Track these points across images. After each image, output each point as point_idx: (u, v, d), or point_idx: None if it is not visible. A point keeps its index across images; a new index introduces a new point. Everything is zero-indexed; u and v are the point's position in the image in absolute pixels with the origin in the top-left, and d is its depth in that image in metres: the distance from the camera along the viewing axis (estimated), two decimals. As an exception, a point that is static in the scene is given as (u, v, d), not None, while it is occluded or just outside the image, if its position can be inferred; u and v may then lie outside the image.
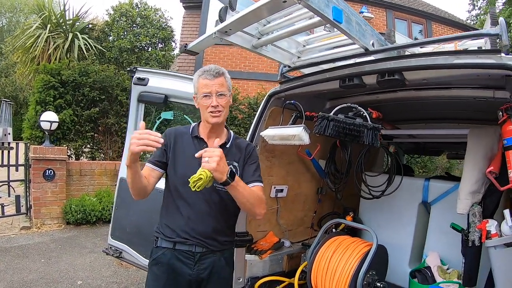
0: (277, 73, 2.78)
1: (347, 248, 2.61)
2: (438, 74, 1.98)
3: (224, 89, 1.85)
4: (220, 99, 1.84)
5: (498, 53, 1.78)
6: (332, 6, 1.65)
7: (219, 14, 2.11)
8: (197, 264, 1.86)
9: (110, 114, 7.68)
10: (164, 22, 10.20)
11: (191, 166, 1.85)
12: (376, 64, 2.09)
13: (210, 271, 1.88)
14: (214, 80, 1.84)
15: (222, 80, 1.87)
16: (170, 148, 1.93)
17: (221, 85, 1.85)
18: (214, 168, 1.59)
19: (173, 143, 1.94)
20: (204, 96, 1.84)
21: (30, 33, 8.80)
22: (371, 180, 3.15)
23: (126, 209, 3.34)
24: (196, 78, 1.91)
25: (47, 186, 6.18)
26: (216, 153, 1.61)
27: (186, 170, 1.85)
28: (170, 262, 1.86)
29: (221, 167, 1.62)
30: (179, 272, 1.86)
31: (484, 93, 2.19)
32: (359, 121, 2.19)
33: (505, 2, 16.58)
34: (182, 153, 1.92)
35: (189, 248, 1.86)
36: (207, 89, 1.83)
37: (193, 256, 1.86)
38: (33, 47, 8.74)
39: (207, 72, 1.86)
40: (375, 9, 11.93)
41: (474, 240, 2.35)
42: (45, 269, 4.40)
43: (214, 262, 1.89)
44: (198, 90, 1.88)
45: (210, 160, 1.60)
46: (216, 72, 1.86)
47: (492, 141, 2.38)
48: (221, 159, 1.62)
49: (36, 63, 8.71)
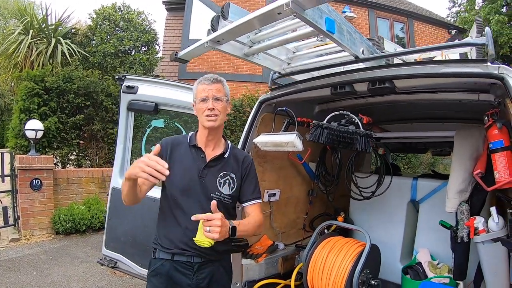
0: (261, 75, 2.83)
1: (341, 249, 2.67)
2: (427, 82, 2.06)
3: (221, 94, 1.89)
4: (217, 103, 1.87)
5: (484, 62, 1.86)
6: (325, 17, 1.70)
7: (211, 23, 2.13)
8: (196, 274, 1.87)
9: (96, 120, 7.57)
10: (148, 25, 10.08)
11: (188, 176, 1.89)
12: (366, 72, 2.15)
13: (209, 280, 1.90)
14: (212, 85, 1.89)
15: (220, 86, 1.91)
16: (166, 158, 1.92)
17: (218, 90, 1.89)
18: (217, 238, 1.62)
19: (169, 153, 1.94)
20: (201, 100, 1.88)
21: (13, 39, 8.60)
22: (361, 181, 3.23)
23: (119, 218, 3.32)
24: (195, 86, 1.96)
25: (34, 196, 6.07)
26: (217, 223, 1.61)
27: (183, 181, 1.88)
28: (169, 273, 1.87)
29: (223, 233, 1.64)
30: (178, 283, 1.87)
31: (470, 96, 2.28)
32: (352, 129, 2.26)
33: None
34: (179, 163, 1.92)
35: (187, 258, 1.86)
36: (205, 93, 1.88)
37: (192, 267, 1.87)
38: (15, 53, 8.55)
39: (205, 79, 1.92)
40: (357, 9, 12.09)
41: (462, 236, 2.44)
42: (38, 282, 4.33)
43: (213, 271, 1.91)
44: (196, 96, 1.93)
45: (211, 230, 1.61)
46: (214, 79, 1.91)
47: (478, 142, 2.47)
48: (221, 226, 1.62)
49: (18, 70, 8.52)
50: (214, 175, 1.92)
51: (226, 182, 1.93)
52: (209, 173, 1.91)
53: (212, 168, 1.93)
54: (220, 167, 1.94)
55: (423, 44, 12.93)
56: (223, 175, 1.93)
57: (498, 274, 2.25)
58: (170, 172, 1.89)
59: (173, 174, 1.89)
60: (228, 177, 1.93)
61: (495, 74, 1.82)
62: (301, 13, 1.56)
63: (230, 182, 1.93)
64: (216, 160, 1.94)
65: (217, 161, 1.94)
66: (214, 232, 1.60)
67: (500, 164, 2.05)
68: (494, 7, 14.82)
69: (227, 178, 1.93)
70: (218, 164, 1.94)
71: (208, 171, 1.92)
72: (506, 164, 2.01)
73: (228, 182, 1.93)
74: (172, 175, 1.89)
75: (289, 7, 1.49)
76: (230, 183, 1.93)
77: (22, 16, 8.88)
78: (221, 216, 1.65)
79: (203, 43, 2.15)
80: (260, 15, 1.73)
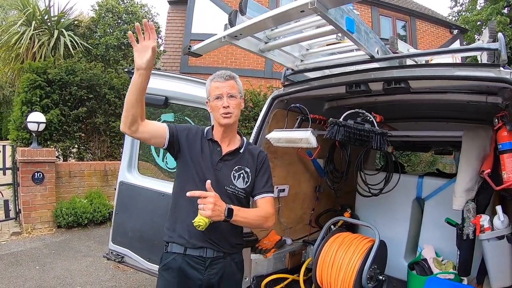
0: (264, 70, 2.85)
1: (350, 244, 2.70)
2: (440, 84, 2.10)
3: (234, 91, 1.93)
4: (231, 100, 1.91)
5: (497, 67, 1.90)
6: (346, 16, 1.73)
7: (229, 18, 2.15)
8: (208, 269, 1.89)
9: (98, 113, 7.55)
10: (151, 18, 10.06)
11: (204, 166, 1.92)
12: (382, 72, 2.18)
13: (221, 276, 1.91)
14: (225, 83, 1.92)
15: (233, 83, 1.95)
16: (186, 143, 1.95)
17: (231, 87, 1.93)
18: (210, 215, 1.66)
19: (192, 140, 1.97)
20: (216, 98, 1.91)
21: (14, 30, 8.54)
22: (369, 178, 3.27)
23: (127, 213, 3.31)
24: (208, 83, 1.98)
25: (36, 189, 6.04)
26: (210, 200, 1.66)
27: (199, 169, 1.91)
28: (181, 267, 1.89)
29: (217, 211, 1.67)
30: (190, 277, 1.88)
31: (478, 98, 2.32)
32: (368, 127, 2.29)
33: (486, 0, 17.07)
34: (198, 151, 1.95)
35: (199, 253, 1.88)
36: (219, 91, 1.91)
37: (204, 261, 1.89)
38: (17, 45, 8.50)
39: (218, 76, 1.95)
40: (360, 6, 12.10)
41: (468, 233, 2.50)
42: (41, 276, 4.32)
43: (224, 267, 1.93)
44: (210, 93, 1.96)
45: (205, 207, 1.66)
46: (227, 76, 1.94)
47: (485, 143, 2.53)
48: (215, 204, 1.67)
49: (20, 61, 8.47)
50: (229, 169, 1.94)
51: (241, 176, 1.95)
52: (224, 166, 1.94)
53: (227, 162, 1.96)
54: (235, 161, 1.97)
55: (425, 42, 12.99)
56: (238, 169, 1.96)
57: (502, 271, 2.31)
58: (187, 156, 1.93)
59: (194, 158, 1.93)
60: (243, 171, 1.96)
61: (507, 79, 1.87)
62: (325, 12, 1.58)
63: (244, 176, 1.96)
64: (231, 154, 1.97)
65: (232, 155, 1.98)
66: (207, 209, 1.65)
67: (509, 164, 2.10)
68: (496, 8, 14.88)
69: (242, 172, 1.96)
70: (233, 158, 1.97)
71: (223, 164, 1.95)
72: (514, 165, 2.06)
73: (242, 176, 1.96)
74: (193, 158, 1.93)
75: (314, 6, 1.51)
76: (244, 177, 1.96)
77: (24, 7, 8.82)
78: (214, 195, 1.69)
79: (220, 38, 2.16)
80: (282, 13, 1.74)
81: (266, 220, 1.93)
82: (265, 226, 1.98)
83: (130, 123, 1.77)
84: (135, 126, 1.78)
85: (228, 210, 1.72)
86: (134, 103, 1.73)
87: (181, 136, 1.95)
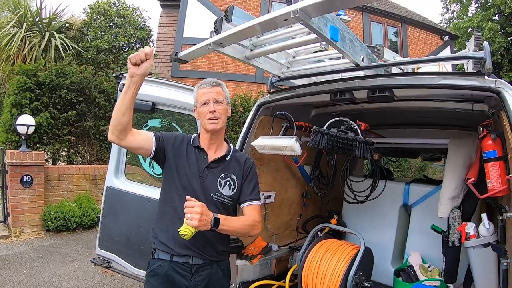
0: (255, 75, 2.86)
1: (336, 251, 2.71)
2: (425, 92, 2.12)
3: (221, 97, 1.94)
4: (218, 105, 1.92)
5: (481, 76, 1.92)
6: (329, 25, 1.74)
7: (214, 25, 2.15)
8: (194, 275, 1.89)
9: (88, 117, 7.52)
10: (142, 21, 10.05)
11: (190, 173, 1.91)
12: (367, 80, 2.20)
13: (207, 282, 1.91)
14: (212, 89, 1.94)
15: (219, 90, 1.96)
16: (172, 151, 1.95)
17: (218, 93, 1.94)
18: (197, 225, 1.65)
19: (178, 148, 1.97)
20: (202, 104, 1.93)
21: (5, 32, 8.47)
22: (356, 185, 3.28)
23: (114, 218, 3.30)
24: (196, 90, 2.00)
25: (24, 192, 5.98)
26: (196, 210, 1.66)
27: (184, 177, 1.91)
28: (167, 273, 1.88)
29: (204, 221, 1.67)
30: (176, 284, 1.88)
31: (464, 106, 2.34)
32: (351, 135, 2.30)
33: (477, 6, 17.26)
34: (184, 159, 1.95)
35: (186, 259, 1.88)
36: (205, 97, 1.92)
37: (190, 268, 1.88)
38: (7, 46, 8.43)
39: (205, 83, 1.97)
40: (351, 12, 12.16)
41: (454, 241, 2.52)
42: (28, 280, 4.27)
43: (211, 274, 1.93)
44: (197, 100, 1.97)
45: (192, 217, 1.65)
46: (214, 82, 1.97)
47: (470, 151, 2.55)
48: (202, 213, 1.66)
49: (10, 63, 8.40)
50: (215, 176, 1.94)
51: (227, 183, 1.95)
52: (210, 174, 1.94)
53: (213, 169, 1.95)
54: (221, 168, 1.97)
55: (416, 48, 13.10)
56: (224, 177, 1.95)
57: (487, 278, 2.33)
58: (175, 168, 1.93)
59: (179, 166, 1.93)
60: (229, 178, 1.96)
61: (491, 87, 1.89)
62: (308, 20, 1.58)
63: (230, 184, 1.96)
64: (217, 162, 1.97)
65: (218, 162, 1.97)
66: (194, 219, 1.64)
67: (493, 173, 2.13)
68: (487, 15, 15.04)
69: (228, 180, 1.96)
70: (219, 166, 1.97)
71: (209, 171, 1.94)
72: (498, 174, 2.09)
73: (228, 184, 1.95)
74: (179, 167, 1.93)
75: (296, 15, 1.52)
76: (230, 185, 1.96)
77: (16, 8, 8.76)
78: (201, 204, 1.69)
79: (206, 45, 2.16)
80: (266, 21, 1.75)
81: (252, 228, 1.93)
82: (251, 234, 1.99)
83: (119, 132, 1.76)
84: (123, 135, 1.78)
85: (214, 220, 1.71)
86: (125, 111, 1.72)
87: (167, 144, 1.95)
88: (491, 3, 15.83)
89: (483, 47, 2.02)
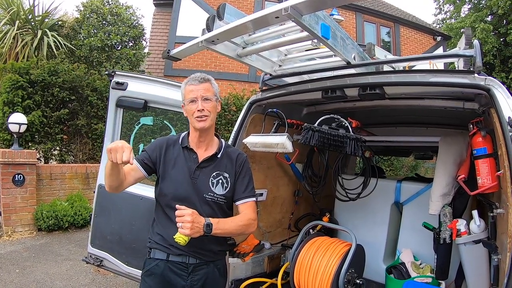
0: (248, 74, 2.86)
1: (327, 248, 2.72)
2: (416, 90, 2.13)
3: (209, 94, 1.88)
4: (206, 103, 1.87)
5: (471, 73, 1.94)
6: (321, 23, 1.74)
7: (206, 23, 2.15)
8: (191, 275, 1.88)
9: (80, 115, 7.47)
10: (136, 20, 9.95)
11: (180, 178, 1.89)
12: (358, 78, 2.21)
13: (204, 282, 1.90)
14: (200, 85, 1.88)
15: (208, 86, 1.90)
16: (160, 160, 1.93)
17: (206, 90, 1.88)
18: (189, 233, 1.66)
19: (163, 155, 1.94)
20: (190, 101, 1.87)
21: (-2, 29, 8.39)
22: (347, 183, 3.29)
23: (106, 216, 3.28)
24: (183, 86, 1.94)
25: (16, 191, 5.94)
26: (187, 219, 1.65)
27: (176, 183, 1.88)
28: (163, 273, 1.87)
29: (195, 229, 1.67)
30: (172, 283, 1.87)
31: (455, 104, 2.36)
32: (342, 132, 2.30)
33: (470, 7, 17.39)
34: (173, 165, 1.92)
35: (182, 259, 1.87)
36: (193, 94, 1.87)
37: (187, 268, 1.88)
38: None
39: (192, 79, 1.91)
40: (345, 12, 12.21)
41: (445, 238, 2.54)
42: (20, 280, 4.24)
43: (207, 273, 1.92)
44: (184, 97, 1.92)
45: (183, 226, 1.65)
46: (202, 78, 1.90)
47: (461, 148, 2.56)
48: (193, 222, 1.66)
49: (2, 61, 8.30)
50: (207, 176, 1.91)
51: (219, 182, 1.93)
52: (201, 174, 1.91)
53: (204, 168, 1.92)
54: (213, 167, 1.94)
55: (409, 48, 13.18)
56: (216, 175, 1.93)
57: (478, 274, 2.34)
58: (164, 175, 1.91)
59: (167, 178, 1.91)
60: (221, 177, 1.93)
61: (481, 85, 1.90)
62: (299, 18, 1.59)
63: (223, 182, 1.93)
64: (208, 161, 1.94)
65: (209, 161, 1.94)
66: (185, 227, 1.64)
67: (483, 170, 2.14)
68: (479, 16, 15.15)
69: (220, 178, 1.93)
70: (211, 164, 1.94)
71: (200, 172, 1.91)
72: (488, 170, 2.11)
73: (221, 182, 1.93)
74: (167, 178, 1.91)
75: (287, 12, 1.52)
76: (223, 183, 1.93)
77: (8, 6, 8.65)
78: (191, 212, 1.68)
79: (197, 42, 2.17)
80: (257, 18, 1.75)
81: (248, 227, 1.93)
82: (247, 232, 1.99)
83: (116, 189, 1.81)
84: (121, 189, 1.83)
85: (206, 226, 1.71)
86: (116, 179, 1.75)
87: (153, 158, 1.93)
88: (484, 4, 15.97)
89: (474, 45, 2.03)
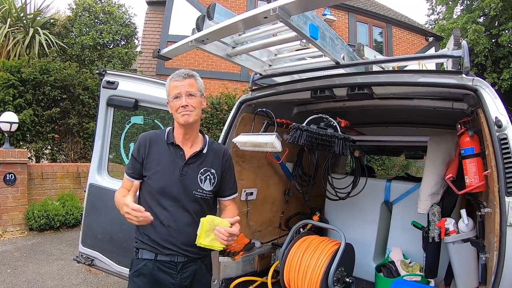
0: (240, 73, 2.87)
1: (317, 247, 2.74)
2: (404, 90, 2.15)
3: (193, 90, 1.87)
4: (190, 99, 1.85)
5: (459, 74, 1.96)
6: (309, 23, 1.76)
7: (196, 22, 2.15)
8: (180, 273, 1.88)
9: (72, 114, 7.44)
10: (128, 18, 9.89)
11: (168, 174, 1.87)
12: (346, 78, 2.22)
13: (192, 278, 1.91)
14: (184, 81, 1.86)
15: (192, 81, 1.88)
16: (144, 157, 1.92)
17: (190, 85, 1.87)
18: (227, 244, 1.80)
19: (147, 151, 1.93)
20: (174, 97, 1.86)
21: (-11, 27, 8.29)
22: (337, 182, 3.31)
23: (96, 215, 3.27)
24: (168, 83, 1.93)
25: (7, 191, 5.88)
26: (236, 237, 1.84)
27: (163, 180, 1.87)
28: (152, 273, 1.86)
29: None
30: (162, 282, 1.87)
31: (444, 104, 2.39)
32: (330, 132, 2.32)
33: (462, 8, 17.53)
34: (158, 161, 1.91)
35: (171, 258, 1.87)
36: (177, 90, 1.85)
37: (176, 266, 1.87)
38: (-9, 42, 8.26)
39: (176, 75, 1.89)
40: (337, 12, 12.25)
41: (434, 236, 2.57)
42: (12, 280, 4.21)
43: (196, 270, 1.92)
44: (169, 94, 1.90)
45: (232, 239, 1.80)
46: (186, 74, 1.88)
47: (450, 148, 2.60)
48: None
49: (-6, 60, 8.23)
50: (195, 172, 1.91)
51: (207, 178, 1.93)
52: (190, 170, 1.91)
53: (191, 165, 1.92)
54: (200, 163, 1.94)
55: (401, 49, 13.27)
56: (204, 171, 1.93)
57: (467, 273, 2.38)
58: (149, 171, 1.90)
59: (152, 174, 1.90)
60: (209, 172, 1.94)
61: (469, 85, 1.93)
62: (287, 18, 1.60)
63: (211, 178, 1.94)
64: (195, 157, 1.93)
65: (196, 157, 1.93)
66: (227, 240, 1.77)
67: (471, 169, 2.18)
68: (471, 17, 15.27)
69: (208, 174, 1.94)
70: (197, 161, 1.93)
71: (189, 168, 1.91)
72: (476, 170, 2.14)
73: (209, 178, 1.94)
74: (152, 174, 1.90)
75: (275, 13, 1.53)
76: (211, 179, 1.94)
77: (0, 4, 8.57)
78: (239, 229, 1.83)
79: (187, 42, 2.17)
80: (246, 18, 1.76)
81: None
82: None
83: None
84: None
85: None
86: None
87: (140, 160, 1.93)
88: (476, 6, 16.09)
89: (462, 46, 2.06)
